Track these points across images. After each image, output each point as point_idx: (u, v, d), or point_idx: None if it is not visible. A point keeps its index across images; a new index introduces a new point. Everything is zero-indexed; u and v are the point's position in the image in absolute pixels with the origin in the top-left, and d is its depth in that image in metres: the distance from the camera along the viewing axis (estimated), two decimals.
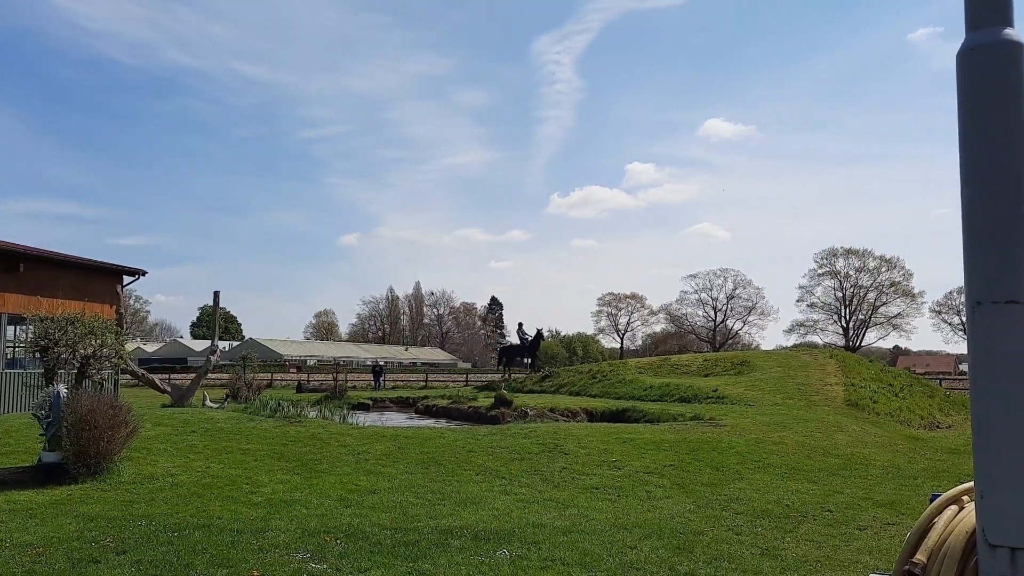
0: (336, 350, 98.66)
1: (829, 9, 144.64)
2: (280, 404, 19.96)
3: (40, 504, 8.51)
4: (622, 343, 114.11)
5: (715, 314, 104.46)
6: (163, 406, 20.03)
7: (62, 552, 6.55)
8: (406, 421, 22.75)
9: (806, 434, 15.51)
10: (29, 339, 17.39)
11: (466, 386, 40.60)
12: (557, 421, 19.52)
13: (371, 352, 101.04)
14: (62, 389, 10.57)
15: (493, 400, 24.13)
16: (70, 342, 13.35)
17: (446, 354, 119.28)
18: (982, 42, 2.69)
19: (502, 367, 42.99)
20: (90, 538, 7.01)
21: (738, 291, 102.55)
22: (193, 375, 26.33)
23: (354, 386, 40.42)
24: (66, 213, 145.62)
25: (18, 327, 21.45)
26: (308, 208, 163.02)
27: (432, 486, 9.94)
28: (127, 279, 26.14)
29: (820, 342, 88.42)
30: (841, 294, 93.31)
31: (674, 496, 9.73)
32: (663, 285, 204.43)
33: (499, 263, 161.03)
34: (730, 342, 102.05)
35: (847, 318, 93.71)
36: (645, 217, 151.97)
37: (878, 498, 9.89)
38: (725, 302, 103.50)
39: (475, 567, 6.31)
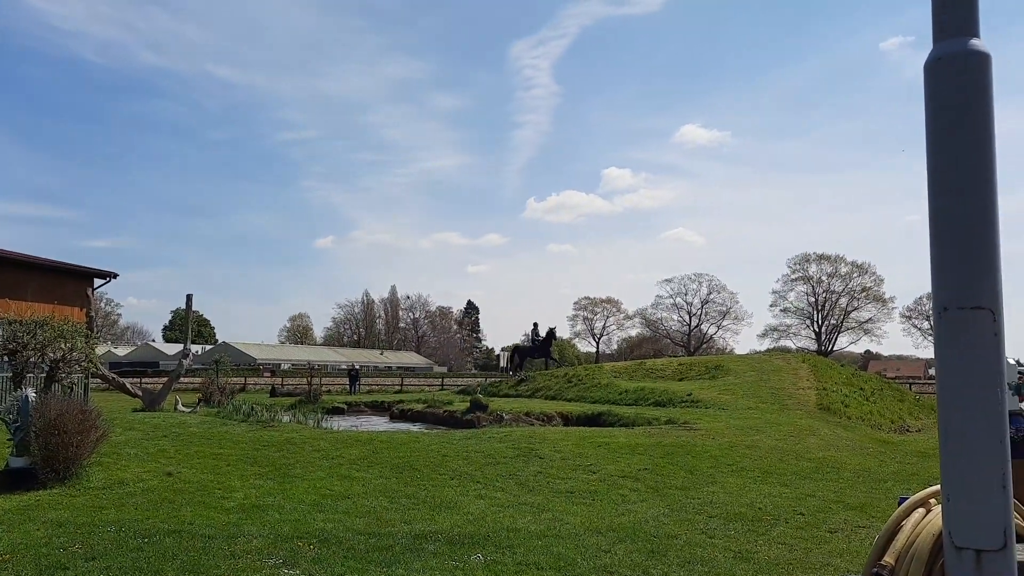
0: (311, 354, 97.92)
1: (803, 18, 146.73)
2: (253, 408, 19.83)
3: (7, 510, 8.35)
4: (598, 347, 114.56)
5: (690, 319, 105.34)
6: (134, 410, 19.78)
7: (30, 558, 6.43)
8: (381, 425, 22.66)
9: (779, 438, 15.67)
10: None
11: (442, 390, 40.52)
12: (532, 425, 19.53)
13: (346, 356, 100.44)
14: (31, 393, 10.39)
15: (469, 404, 24.10)
16: (39, 345, 13.17)
17: (422, 358, 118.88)
18: (949, 52, 2.74)
19: (514, 368, 43.02)
20: (59, 544, 6.90)
21: (713, 296, 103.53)
22: (165, 379, 26.04)
23: (329, 390, 40.17)
24: (35, 214, 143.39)
25: None
26: (282, 211, 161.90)
27: (406, 491, 9.90)
28: (98, 282, 25.81)
29: (793, 347, 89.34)
30: (814, 299, 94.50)
31: (648, 500, 9.77)
32: (639, 290, 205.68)
33: (475, 267, 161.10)
34: (705, 346, 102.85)
35: (819, 323, 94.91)
36: (621, 222, 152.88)
37: (849, 501, 10.01)
38: (700, 307, 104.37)
39: (449, 572, 6.29)
